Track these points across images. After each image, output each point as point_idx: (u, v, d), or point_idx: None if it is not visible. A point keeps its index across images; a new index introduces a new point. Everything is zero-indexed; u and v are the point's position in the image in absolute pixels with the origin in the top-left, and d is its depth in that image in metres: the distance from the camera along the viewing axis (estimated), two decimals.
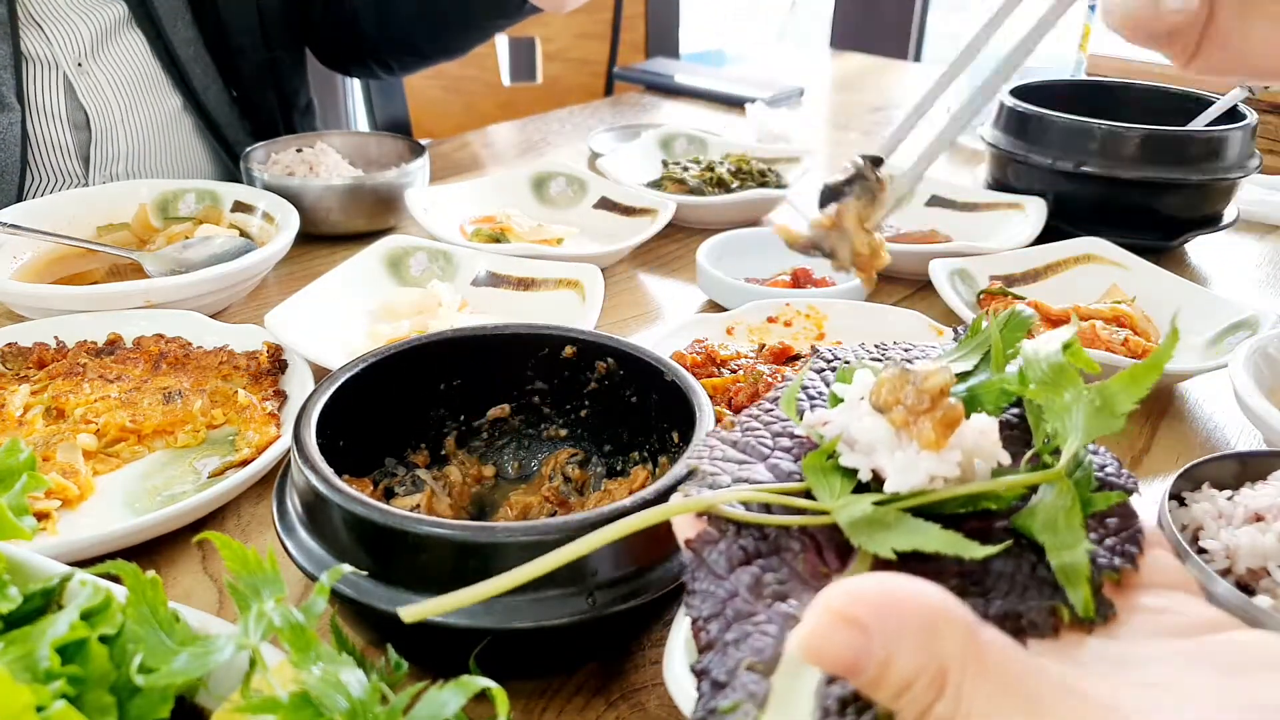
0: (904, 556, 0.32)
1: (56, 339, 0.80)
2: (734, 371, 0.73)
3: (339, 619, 0.44)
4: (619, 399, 0.62)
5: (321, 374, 0.76)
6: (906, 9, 3.06)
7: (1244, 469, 0.59)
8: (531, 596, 0.43)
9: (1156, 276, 0.93)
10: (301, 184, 1.06)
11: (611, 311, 0.96)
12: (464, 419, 0.65)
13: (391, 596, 0.44)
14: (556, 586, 0.44)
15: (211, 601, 0.57)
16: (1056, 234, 1.01)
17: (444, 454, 0.64)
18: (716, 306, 0.95)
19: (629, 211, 1.13)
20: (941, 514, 0.34)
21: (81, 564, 0.43)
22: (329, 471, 0.47)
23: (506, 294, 0.93)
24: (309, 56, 1.43)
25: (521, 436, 0.66)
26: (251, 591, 0.38)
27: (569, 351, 0.62)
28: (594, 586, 0.44)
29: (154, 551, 0.60)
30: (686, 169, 1.21)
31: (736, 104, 1.70)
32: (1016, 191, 1.11)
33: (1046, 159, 1.06)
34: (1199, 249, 1.14)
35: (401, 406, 0.61)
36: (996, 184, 1.16)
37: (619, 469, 0.63)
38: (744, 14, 5.00)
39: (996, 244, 1.01)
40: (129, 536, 0.58)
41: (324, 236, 1.10)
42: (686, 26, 2.52)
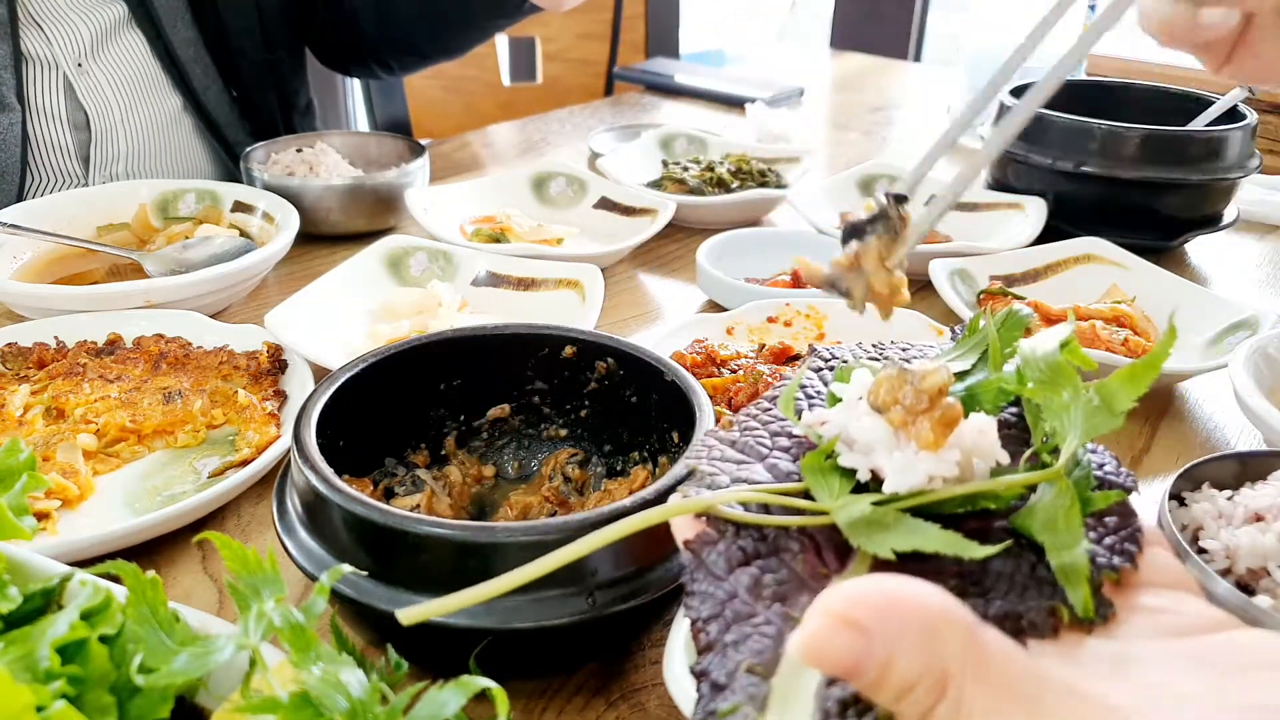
0: (903, 557, 0.32)
1: (56, 339, 0.80)
2: (734, 371, 0.73)
3: (339, 619, 0.44)
4: (619, 399, 0.62)
5: (321, 374, 0.76)
6: (906, 9, 3.06)
7: (1244, 469, 0.59)
8: (531, 597, 0.43)
9: (1156, 276, 0.93)
10: (301, 184, 1.06)
11: (611, 311, 0.96)
12: (464, 419, 0.65)
13: (391, 596, 0.44)
14: (556, 587, 0.44)
15: (211, 601, 0.57)
16: (1056, 234, 1.01)
17: (444, 454, 0.64)
18: (716, 306, 0.95)
19: (629, 211, 1.13)
20: (940, 514, 0.34)
21: (81, 564, 0.43)
22: (329, 471, 0.47)
23: (506, 294, 0.93)
24: (309, 57, 1.43)
25: (521, 436, 0.66)
26: (251, 591, 0.38)
27: (569, 351, 0.62)
28: (594, 587, 0.44)
29: (154, 551, 0.60)
30: (686, 169, 1.21)
31: (736, 104, 1.69)
32: (1016, 191, 1.11)
33: (1046, 159, 1.06)
34: (1199, 249, 1.14)
35: (401, 406, 0.61)
36: (996, 184, 1.16)
37: (619, 469, 0.63)
38: (744, 14, 5.00)
39: (996, 244, 1.01)
40: (129, 536, 0.58)
41: (324, 236, 1.10)
42: (686, 26, 2.52)
